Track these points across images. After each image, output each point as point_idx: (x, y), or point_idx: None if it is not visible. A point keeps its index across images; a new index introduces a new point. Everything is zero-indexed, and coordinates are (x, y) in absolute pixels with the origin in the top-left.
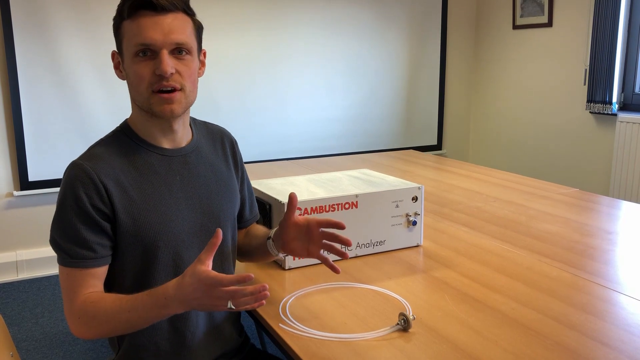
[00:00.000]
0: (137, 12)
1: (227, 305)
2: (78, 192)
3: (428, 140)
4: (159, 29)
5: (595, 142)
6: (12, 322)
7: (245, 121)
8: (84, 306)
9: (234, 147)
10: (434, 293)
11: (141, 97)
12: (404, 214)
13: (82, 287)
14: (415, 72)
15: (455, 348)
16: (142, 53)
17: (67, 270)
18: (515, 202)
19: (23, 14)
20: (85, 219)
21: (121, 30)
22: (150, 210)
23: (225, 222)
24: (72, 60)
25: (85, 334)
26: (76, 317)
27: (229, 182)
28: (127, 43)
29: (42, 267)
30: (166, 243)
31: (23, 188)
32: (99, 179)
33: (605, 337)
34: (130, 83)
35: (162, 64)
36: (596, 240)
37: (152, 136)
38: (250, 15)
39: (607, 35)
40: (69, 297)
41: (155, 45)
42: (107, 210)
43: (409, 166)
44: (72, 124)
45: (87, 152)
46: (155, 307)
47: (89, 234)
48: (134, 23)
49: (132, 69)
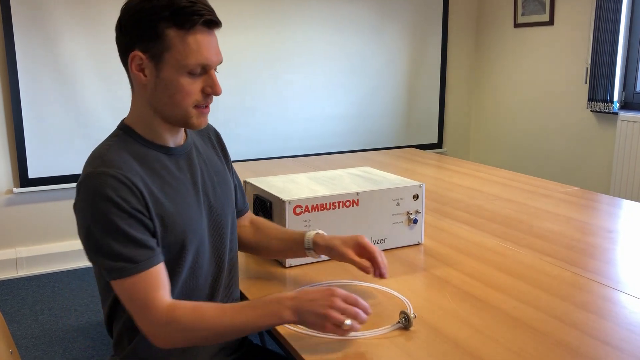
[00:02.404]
0: (195, 27)
1: (342, 322)
2: (114, 198)
3: (429, 138)
4: (212, 49)
5: (596, 140)
6: (12, 320)
7: (246, 119)
8: (175, 312)
9: (219, 137)
10: (435, 291)
11: (179, 110)
12: (405, 212)
13: (156, 289)
14: (416, 70)
15: (456, 346)
16: (197, 71)
17: (134, 279)
18: (516, 200)
19: (23, 9)
20: (131, 221)
21: (165, 37)
22: (175, 211)
23: (228, 216)
24: (72, 56)
25: (174, 342)
26: (163, 325)
27: (224, 175)
28: (176, 55)
29: (42, 264)
30: (191, 242)
31: (23, 185)
32: (130, 181)
33: (606, 335)
34: (164, 92)
35: (217, 86)
36: (597, 238)
37: (159, 136)
38: (251, 13)
39: (608, 34)
40: (144, 307)
41: (211, 66)
42: (145, 210)
43: (409, 164)
44: (72, 121)
45: (101, 160)
46: (266, 315)
47: (140, 233)
48: (191, 37)
49: (179, 84)
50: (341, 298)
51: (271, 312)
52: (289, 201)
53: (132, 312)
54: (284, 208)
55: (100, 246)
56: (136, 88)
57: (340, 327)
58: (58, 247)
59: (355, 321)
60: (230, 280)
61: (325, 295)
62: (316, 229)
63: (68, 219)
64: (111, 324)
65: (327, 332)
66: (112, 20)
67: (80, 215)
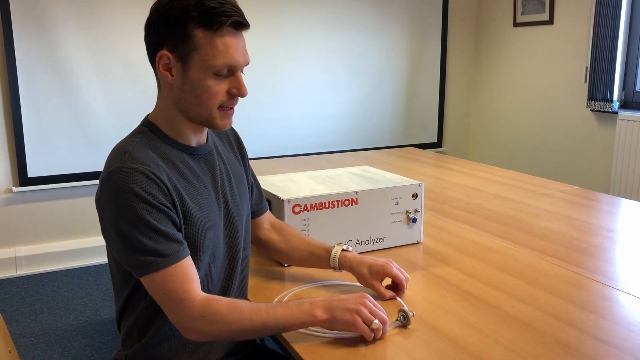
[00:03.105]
0: (222, 28)
1: (372, 322)
2: (141, 193)
3: (428, 137)
4: (240, 50)
5: (596, 140)
6: (11, 318)
7: (245, 118)
8: (211, 304)
9: (237, 137)
10: (434, 290)
11: (204, 110)
12: (404, 211)
13: (189, 282)
14: (416, 69)
15: (456, 345)
16: (224, 72)
17: (166, 272)
18: (515, 199)
19: (22, 8)
20: (159, 215)
21: (193, 38)
22: (196, 210)
23: (242, 218)
24: (72, 55)
25: (208, 334)
26: (198, 317)
27: (241, 176)
28: (204, 56)
29: (41, 263)
30: (209, 241)
31: (22, 184)
32: (156, 176)
33: (605, 334)
34: (191, 93)
35: (243, 88)
36: (597, 238)
37: (183, 135)
38: (252, 12)
39: (608, 33)
40: (180, 300)
41: (238, 67)
42: (171, 205)
43: (409, 163)
44: (72, 120)
45: (128, 155)
46: (298, 311)
47: (169, 227)
48: (218, 39)
49: (205, 84)
50: (371, 303)
51: (304, 310)
52: (288, 200)
53: (165, 307)
54: (283, 207)
55: (129, 241)
56: (163, 87)
57: (370, 325)
58: (57, 246)
59: (382, 326)
60: (242, 281)
61: (357, 296)
62: (340, 242)
63: (67, 218)
64: (122, 319)
65: (356, 329)
66: (112, 21)
67: (106, 210)
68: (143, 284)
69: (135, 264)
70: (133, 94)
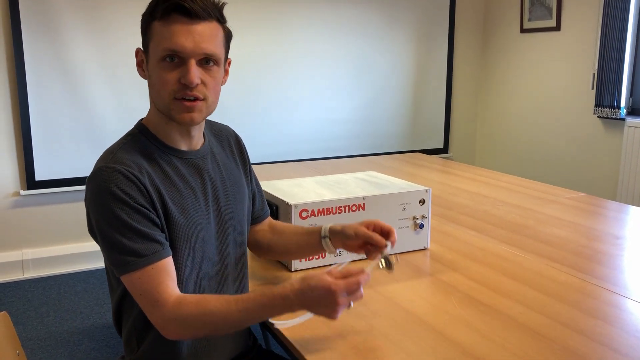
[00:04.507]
0: (170, 16)
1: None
2: (118, 194)
3: (435, 143)
4: (190, 36)
5: (603, 146)
6: (17, 321)
7: (252, 122)
8: (182, 307)
9: (239, 143)
10: (441, 296)
11: (162, 102)
12: (411, 217)
13: (163, 284)
14: (423, 75)
15: (462, 351)
16: (170, 58)
17: (141, 272)
18: (522, 206)
19: (31, 13)
20: (137, 216)
21: (150, 30)
22: (180, 213)
23: (240, 224)
24: (80, 59)
25: (183, 336)
26: (171, 320)
27: (240, 182)
28: (154, 45)
29: (48, 266)
30: (193, 245)
31: (30, 187)
32: (136, 178)
33: (614, 342)
34: (152, 85)
35: (189, 74)
36: (604, 245)
37: (172, 139)
38: (257, 17)
39: (615, 40)
40: (153, 301)
41: (184, 53)
42: (150, 206)
43: (415, 169)
44: (79, 124)
45: (112, 156)
46: (273, 308)
47: (147, 227)
48: (165, 26)
49: (157, 73)
50: (343, 291)
51: (278, 306)
52: (296, 205)
53: (143, 307)
54: (290, 212)
55: (108, 240)
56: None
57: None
58: (64, 249)
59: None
60: (239, 289)
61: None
62: None
63: (74, 221)
64: (120, 323)
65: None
66: (119, 25)
67: (90, 208)
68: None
69: (114, 263)
70: (141, 98)
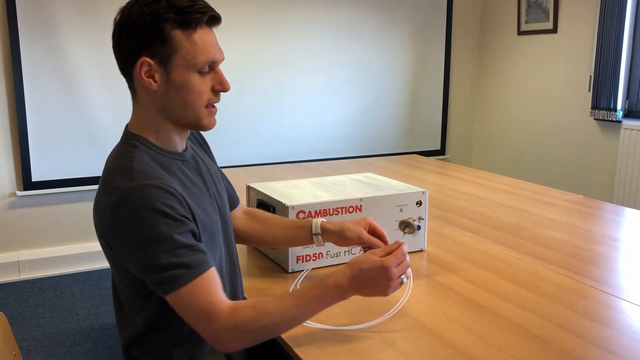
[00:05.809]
0: (199, 26)
1: (401, 282)
2: (163, 209)
3: (431, 145)
4: (217, 45)
5: (600, 148)
6: (14, 323)
7: (249, 124)
8: (239, 314)
9: (201, 135)
10: (437, 298)
11: (192, 111)
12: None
13: (214, 293)
14: (420, 77)
15: (459, 353)
16: (206, 69)
17: (192, 285)
18: (519, 207)
19: (28, 13)
20: (181, 228)
21: (171, 40)
22: (204, 216)
23: (228, 214)
24: (77, 60)
25: (239, 344)
26: (229, 329)
27: (218, 174)
28: (185, 55)
29: (44, 267)
30: (216, 246)
31: (26, 188)
32: (173, 189)
33: (610, 344)
34: (179, 96)
35: (225, 82)
36: (601, 247)
37: (172, 143)
38: (254, 18)
39: (612, 42)
40: (207, 312)
41: (217, 62)
42: (190, 216)
43: (412, 171)
44: (76, 125)
45: (136, 174)
46: (327, 298)
47: (190, 239)
48: (196, 36)
49: (190, 84)
50: (395, 265)
51: (331, 296)
52: (292, 206)
53: (193, 322)
54: (287, 213)
55: (152, 260)
56: (144, 96)
57: None
58: (60, 250)
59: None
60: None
61: (381, 274)
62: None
63: (71, 222)
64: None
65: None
66: None
67: (125, 232)
68: (170, 303)
69: (160, 282)
70: None
